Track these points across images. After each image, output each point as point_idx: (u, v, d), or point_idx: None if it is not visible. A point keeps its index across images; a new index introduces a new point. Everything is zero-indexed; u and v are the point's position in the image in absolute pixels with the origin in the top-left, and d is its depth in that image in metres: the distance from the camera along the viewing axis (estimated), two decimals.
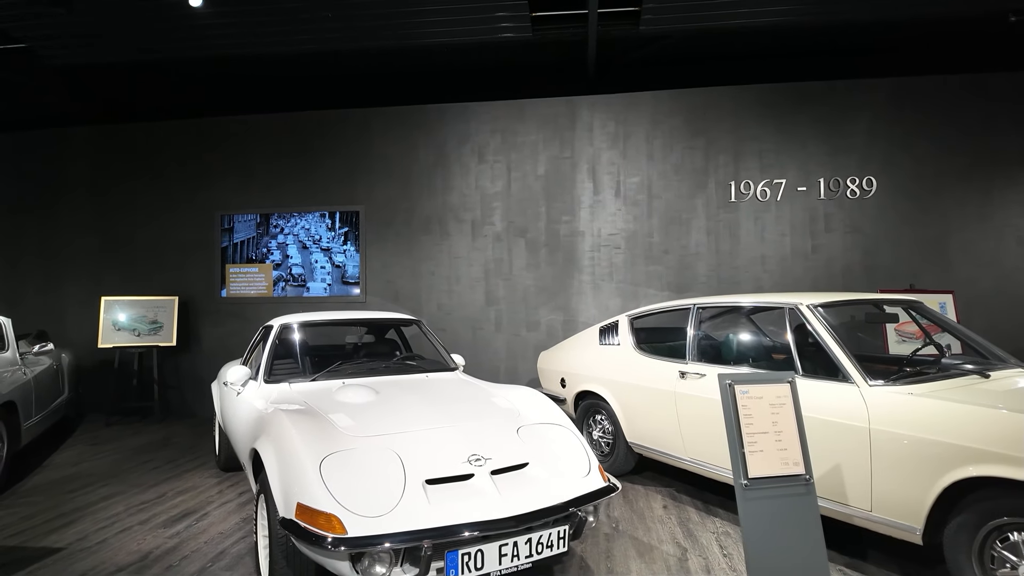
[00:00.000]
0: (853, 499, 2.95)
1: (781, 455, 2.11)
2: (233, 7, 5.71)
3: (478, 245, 6.91)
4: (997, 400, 2.64)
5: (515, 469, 2.68)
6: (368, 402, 3.19)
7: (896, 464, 2.76)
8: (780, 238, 6.37)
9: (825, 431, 3.04)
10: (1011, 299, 6.07)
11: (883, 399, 2.89)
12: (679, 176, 6.57)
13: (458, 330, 6.92)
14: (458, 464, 2.59)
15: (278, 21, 5.95)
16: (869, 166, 6.27)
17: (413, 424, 2.90)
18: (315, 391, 3.45)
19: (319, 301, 7.17)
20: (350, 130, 7.15)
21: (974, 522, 2.52)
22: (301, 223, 7.37)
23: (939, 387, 2.91)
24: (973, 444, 2.50)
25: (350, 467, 2.47)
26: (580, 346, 5.15)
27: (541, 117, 6.83)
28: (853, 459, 2.93)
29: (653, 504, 4.11)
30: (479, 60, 7.19)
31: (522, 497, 2.49)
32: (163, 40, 6.39)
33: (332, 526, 2.22)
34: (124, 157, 7.58)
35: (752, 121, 6.45)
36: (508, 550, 2.36)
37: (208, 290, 7.43)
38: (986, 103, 6.17)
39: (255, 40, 6.33)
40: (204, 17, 5.96)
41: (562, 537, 2.50)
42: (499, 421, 3.03)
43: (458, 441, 2.74)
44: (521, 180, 6.86)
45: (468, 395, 3.44)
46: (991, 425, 2.50)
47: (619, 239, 6.67)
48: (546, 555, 2.46)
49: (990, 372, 3.13)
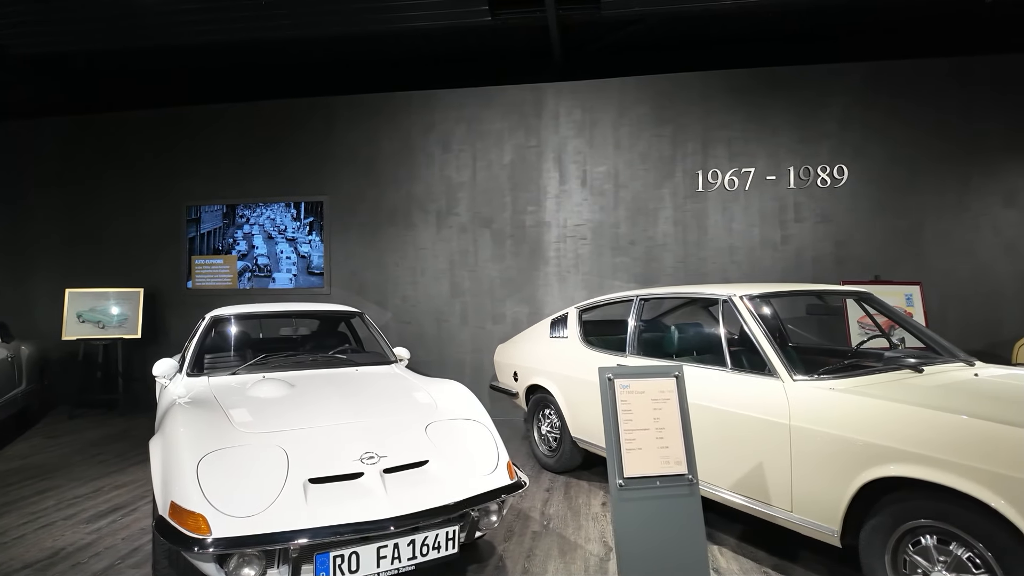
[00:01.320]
0: (775, 499, 2.82)
1: (662, 453, 1.98)
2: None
3: (443, 236, 6.78)
4: (918, 397, 2.50)
5: (412, 467, 2.57)
6: (277, 397, 3.09)
7: (814, 462, 2.63)
8: (749, 228, 6.20)
9: (749, 427, 2.92)
10: (988, 291, 5.88)
11: (804, 394, 2.75)
12: (646, 165, 6.41)
13: (423, 323, 6.81)
14: (348, 462, 2.49)
15: (241, 7, 5.84)
16: (841, 154, 6.08)
17: (315, 420, 2.80)
18: (230, 385, 3.35)
19: (283, 293, 7.09)
20: (315, 119, 7.03)
21: (888, 525, 2.39)
22: (267, 213, 7.27)
23: (864, 382, 2.77)
24: (886, 442, 2.37)
25: (230, 465, 2.38)
26: (532, 339, 5.03)
27: (507, 105, 6.68)
28: (775, 457, 2.80)
29: (593, 501, 3.99)
30: (446, 47, 7.05)
31: (409, 497, 2.39)
32: (129, 30, 6.30)
33: (198, 526, 2.13)
34: (92, 148, 7.51)
35: (721, 108, 6.27)
36: (387, 552, 2.26)
37: (174, 282, 7.37)
38: (964, 88, 5.96)
39: (218, 28, 6.22)
40: (168, 6, 5.86)
41: (451, 538, 2.39)
42: (409, 417, 2.92)
43: (356, 438, 2.64)
44: (487, 169, 6.72)
45: (389, 390, 3.33)
46: (905, 423, 2.36)
47: (585, 230, 6.52)
48: (432, 557, 2.35)
49: (924, 367, 2.98)
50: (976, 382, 2.77)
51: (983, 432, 2.15)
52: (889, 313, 3.80)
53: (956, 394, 2.54)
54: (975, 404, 2.38)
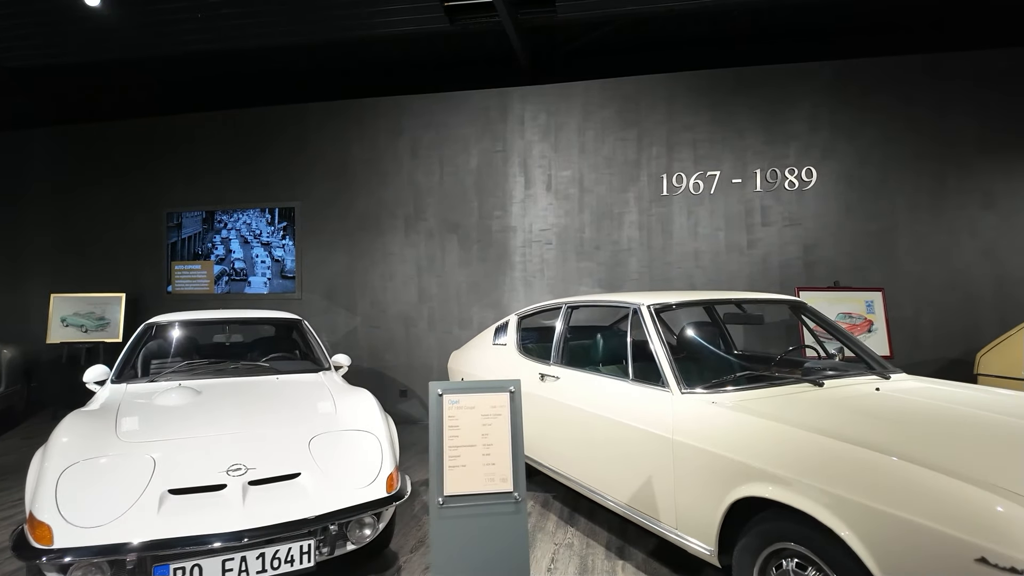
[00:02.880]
0: (662, 514, 2.75)
1: (487, 471, 1.94)
2: (162, 6, 5.74)
3: (411, 241, 6.80)
4: (790, 413, 2.40)
5: (281, 480, 2.57)
6: (176, 405, 3.13)
7: (691, 479, 2.56)
8: (714, 232, 6.06)
9: (639, 440, 2.85)
10: (964, 296, 5.64)
11: (687, 408, 2.68)
12: (611, 169, 6.32)
13: (392, 327, 6.83)
14: (213, 474, 2.50)
15: (210, 17, 5.95)
16: (809, 156, 5.91)
17: (198, 430, 2.82)
18: (141, 392, 3.41)
19: (256, 298, 7.19)
20: (288, 126, 7.12)
21: (756, 546, 2.30)
22: (243, 218, 7.39)
23: (749, 396, 2.68)
24: (750, 460, 2.29)
25: (92, 475, 2.41)
26: (479, 346, 5.00)
27: (473, 110, 6.66)
28: (661, 471, 2.73)
29: None
30: (416, 53, 7.07)
31: (268, 509, 2.39)
32: (112, 43, 6.49)
33: (44, 536, 2.16)
34: (79, 157, 7.73)
35: (686, 110, 6.15)
36: (234, 565, 2.26)
37: (155, 287, 7.53)
38: (938, 86, 5.73)
39: (195, 39, 6.36)
40: (149, 18, 6.01)
41: (306, 552, 2.38)
42: (298, 428, 2.92)
43: (230, 449, 2.66)
44: (454, 175, 6.71)
45: (294, 400, 3.34)
46: (768, 441, 2.28)
47: (550, 234, 6.47)
48: (285, 571, 2.34)
49: (827, 381, 2.87)
50: (869, 398, 2.65)
51: (831, 452, 2.06)
52: (820, 322, 3.67)
53: (833, 411, 2.44)
54: (844, 422, 2.28)
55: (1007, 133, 5.61)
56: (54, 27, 6.25)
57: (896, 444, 2.01)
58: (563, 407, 3.53)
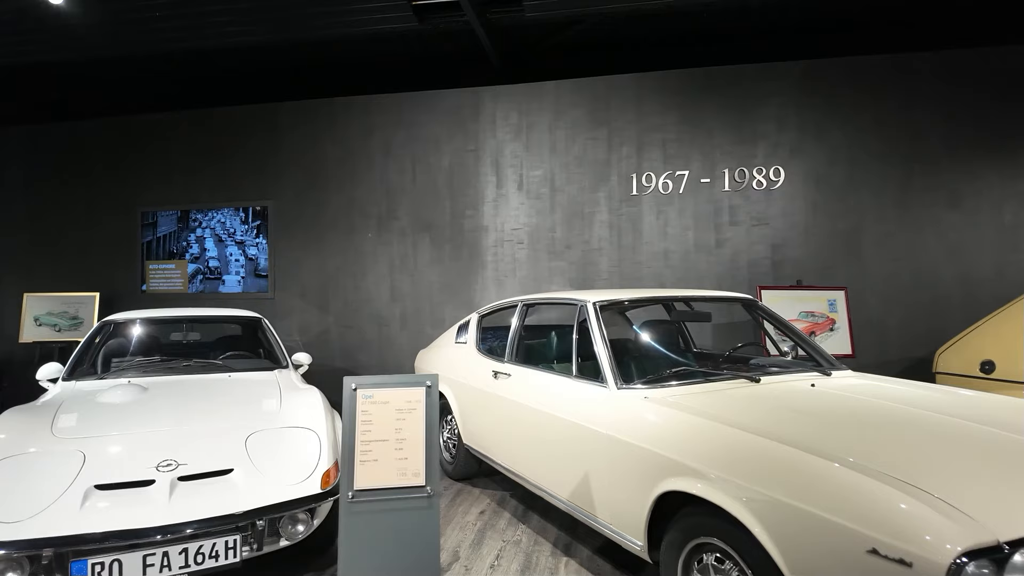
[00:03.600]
0: (599, 510, 2.75)
1: (399, 465, 1.94)
2: (134, 4, 5.73)
3: (384, 240, 6.79)
4: (724, 409, 2.41)
5: (212, 476, 2.56)
6: (119, 403, 3.12)
7: (623, 473, 2.56)
8: (683, 232, 6.08)
9: (580, 436, 2.86)
10: (930, 295, 5.66)
11: (623, 403, 2.68)
12: (581, 168, 6.33)
13: (364, 327, 6.83)
14: (143, 469, 2.50)
15: (180, 16, 5.94)
16: (777, 155, 5.93)
17: (135, 427, 2.82)
18: (87, 389, 3.40)
19: (229, 297, 7.17)
20: (260, 126, 7.11)
21: (679, 541, 2.31)
22: (217, 217, 7.38)
23: (682, 392, 2.69)
24: (672, 455, 2.30)
25: (19, 470, 2.40)
26: (443, 345, 5.00)
27: (446, 109, 6.67)
28: (598, 466, 2.73)
29: (472, 510, 3.94)
30: (388, 53, 7.07)
31: (194, 505, 2.38)
32: (82, 42, 6.46)
33: None
34: (51, 156, 7.69)
35: (655, 110, 6.16)
36: (155, 560, 2.25)
37: (130, 286, 7.51)
38: (905, 85, 5.76)
39: (164, 38, 6.34)
40: (118, 17, 5.99)
41: (231, 548, 2.37)
42: (235, 425, 2.91)
43: (164, 445, 2.65)
44: (426, 174, 6.72)
45: (240, 398, 3.33)
46: (689, 435, 2.29)
47: (522, 234, 6.47)
48: (209, 566, 2.33)
49: (765, 376, 2.87)
50: (800, 394, 2.66)
51: (745, 447, 2.07)
52: (771, 319, 3.68)
53: (759, 407, 2.45)
54: (766, 418, 2.29)
55: (973, 132, 5.64)
56: (25, 25, 6.23)
57: (808, 439, 2.02)
58: (513, 404, 3.53)
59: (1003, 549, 1.50)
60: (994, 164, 5.60)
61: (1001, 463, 1.89)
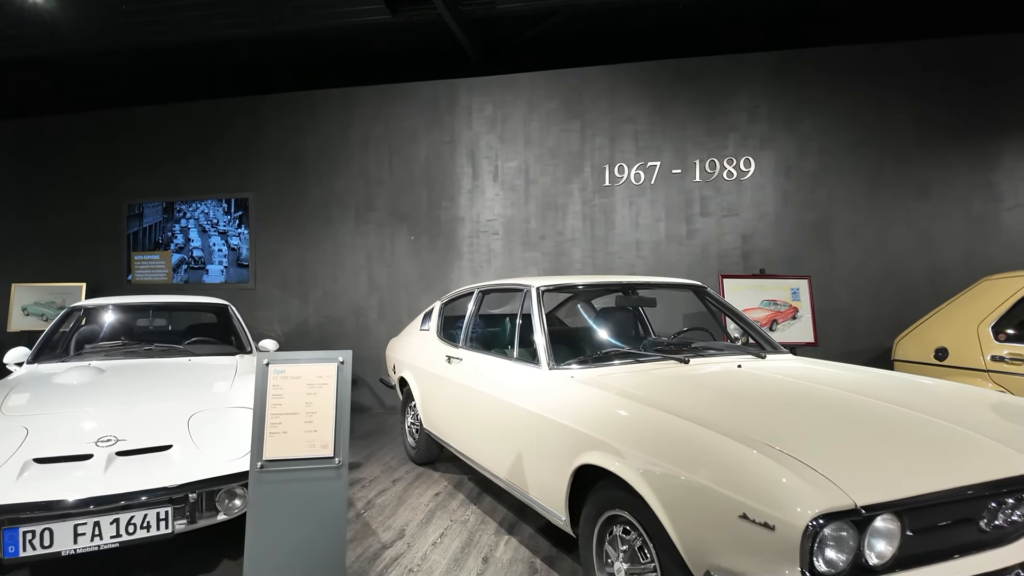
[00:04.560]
0: (531, 488, 2.82)
1: (308, 437, 2.01)
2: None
3: (361, 231, 6.88)
4: (640, 388, 2.46)
5: (151, 451, 2.65)
6: (72, 384, 3.22)
7: (549, 450, 2.63)
8: (655, 223, 6.12)
9: (514, 415, 2.92)
10: (898, 284, 5.69)
11: (552, 382, 2.75)
12: (555, 160, 6.38)
13: (343, 317, 6.92)
14: (82, 444, 2.59)
15: (162, 10, 6.03)
16: (747, 146, 5.96)
17: (82, 405, 2.92)
18: (47, 371, 3.50)
19: (211, 287, 7.27)
20: (242, 118, 7.19)
21: (593, 514, 2.38)
22: (201, 207, 7.48)
23: (611, 371, 2.75)
24: (587, 430, 2.36)
25: None
26: (410, 332, 5.07)
27: (423, 101, 6.73)
28: (528, 444, 2.80)
29: (428, 492, 4.03)
30: (368, 46, 7.13)
31: (129, 478, 2.47)
32: (68, 34, 6.56)
33: None
34: (39, 149, 7.81)
35: (627, 102, 6.20)
36: (87, 529, 2.34)
37: (117, 276, 7.62)
38: (876, 76, 5.77)
39: (149, 32, 6.43)
40: (100, 9, 6.08)
41: (163, 519, 2.45)
42: (180, 405, 3.00)
43: (105, 422, 2.74)
44: (403, 165, 6.79)
45: (192, 381, 3.41)
46: (603, 411, 2.35)
47: (497, 225, 6.53)
48: (140, 536, 2.42)
49: (692, 359, 2.93)
50: (721, 374, 2.72)
51: (648, 421, 2.14)
52: (719, 305, 3.74)
53: (676, 385, 2.52)
54: (678, 395, 2.35)
55: (943, 123, 5.66)
56: (10, 20, 6.32)
57: (707, 414, 2.08)
58: (463, 388, 3.60)
59: (860, 513, 1.56)
60: (964, 154, 5.61)
61: (885, 435, 1.94)
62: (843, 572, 1.58)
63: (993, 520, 1.77)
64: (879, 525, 1.62)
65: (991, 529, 1.77)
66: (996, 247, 5.51)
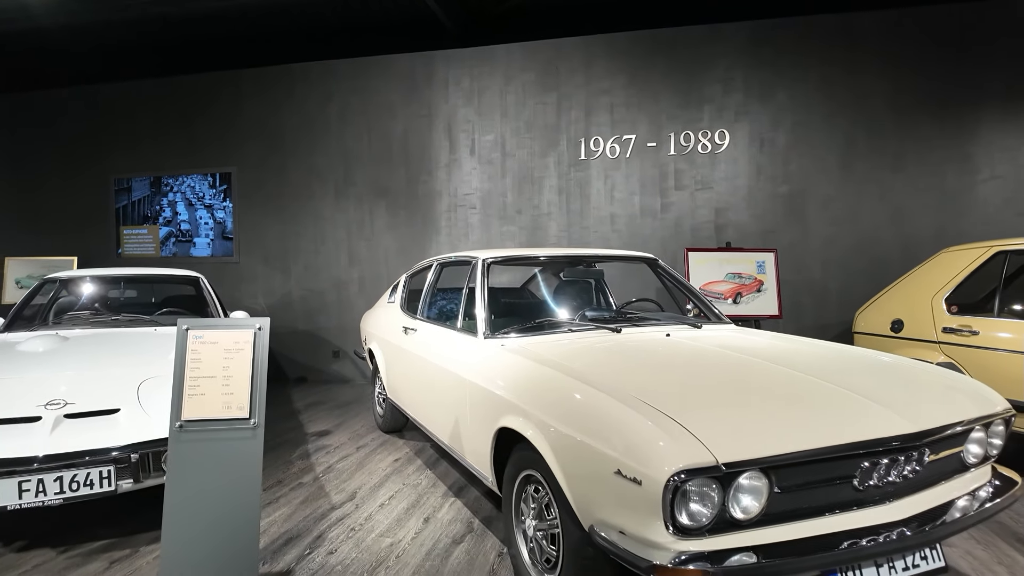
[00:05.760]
0: (467, 452, 2.93)
1: (225, 399, 2.11)
2: None
3: (341, 206, 6.94)
4: (560, 355, 2.54)
5: (98, 415, 2.77)
6: (34, 351, 3.35)
7: (477, 414, 2.73)
8: (629, 197, 6.14)
9: (453, 382, 3.02)
10: (871, 257, 5.69)
11: (484, 351, 2.84)
12: (531, 133, 6.39)
13: (325, 290, 7.03)
14: (31, 407, 2.71)
15: None
16: (722, 118, 5.93)
17: (37, 371, 3.05)
18: (14, 340, 3.63)
19: (197, 261, 7.39)
20: (223, 93, 7.23)
21: (512, 474, 2.48)
22: (188, 181, 7.58)
23: (539, 340, 2.83)
24: (506, 395, 2.45)
25: None
26: (380, 305, 5.17)
27: (400, 74, 6.73)
28: (464, 410, 2.90)
29: (388, 458, 4.16)
30: (346, 18, 7.10)
31: (74, 439, 2.60)
32: (51, 8, 6.59)
33: None
34: (29, 126, 7.91)
35: (603, 74, 6.17)
36: (31, 486, 2.47)
37: (107, 250, 7.77)
38: (850, 46, 5.70)
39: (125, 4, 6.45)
40: None
41: (106, 478, 2.58)
42: (132, 372, 3.11)
43: (55, 387, 2.86)
44: (381, 139, 6.82)
45: (150, 349, 3.52)
46: (524, 377, 2.44)
47: (474, 199, 6.58)
48: (84, 493, 2.55)
49: (624, 328, 3.00)
50: (646, 343, 2.78)
51: (551, 384, 2.22)
52: (670, 277, 3.79)
53: (594, 353, 2.60)
54: (591, 362, 2.43)
55: (918, 94, 5.59)
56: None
57: (607, 377, 2.15)
58: (415, 357, 3.70)
59: (721, 469, 1.63)
60: (939, 125, 5.56)
61: (767, 397, 2.01)
62: (707, 526, 1.66)
63: (868, 480, 1.84)
64: (744, 482, 1.69)
65: (865, 489, 1.84)
66: (969, 220, 5.48)
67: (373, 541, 2.87)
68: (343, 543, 2.84)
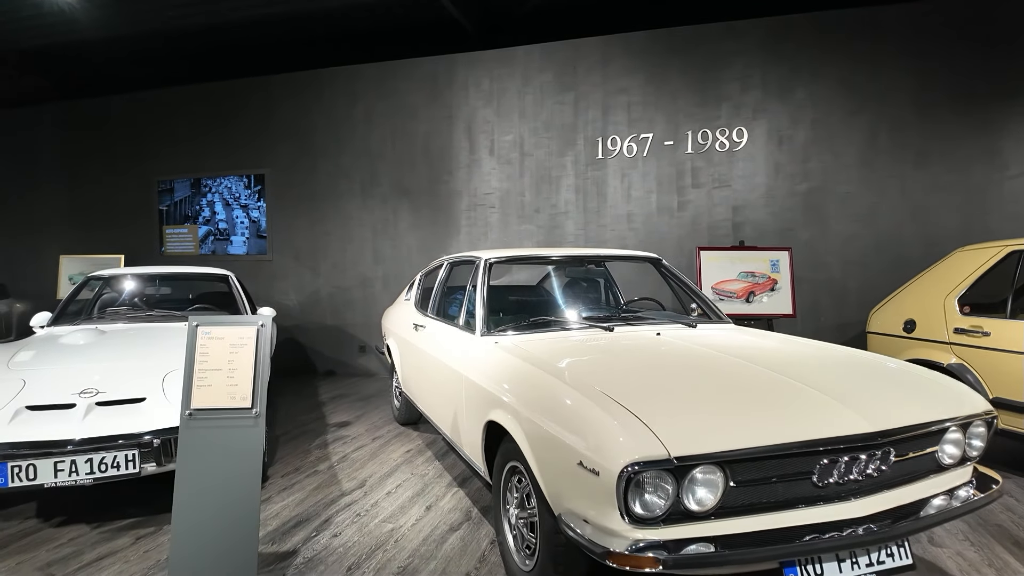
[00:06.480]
0: (464, 444, 3.07)
1: (230, 390, 2.30)
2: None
3: (367, 206, 7.18)
4: (549, 353, 2.64)
5: (126, 403, 3.02)
6: (75, 343, 3.65)
7: (472, 408, 2.87)
8: (646, 195, 6.17)
9: (452, 377, 3.16)
10: (892, 256, 5.59)
11: (480, 348, 2.97)
12: (549, 133, 6.48)
13: (351, 287, 7.28)
14: (68, 395, 2.98)
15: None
16: (740, 116, 5.90)
17: (75, 362, 3.33)
18: (59, 333, 3.96)
19: (233, 259, 7.75)
20: (255, 97, 7.54)
21: (501, 464, 2.61)
22: (225, 182, 7.95)
23: (533, 338, 2.94)
24: (493, 389, 2.58)
25: None
26: (398, 302, 5.37)
27: (423, 77, 6.91)
28: (462, 404, 3.04)
29: (400, 449, 4.34)
30: (370, 23, 7.31)
31: (104, 424, 2.85)
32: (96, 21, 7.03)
33: None
34: (80, 131, 8.41)
35: (620, 73, 6.21)
36: (65, 466, 2.73)
37: (151, 248, 8.21)
38: (871, 41, 5.59)
39: (169, 15, 6.84)
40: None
41: (131, 460, 2.83)
42: (158, 364, 3.35)
43: (90, 377, 3.12)
44: (405, 141, 7.01)
45: (179, 342, 3.77)
46: (511, 373, 2.56)
47: (494, 198, 6.71)
48: (112, 474, 2.80)
49: (617, 327, 3.08)
50: (637, 340, 2.87)
51: (532, 381, 2.34)
52: (673, 276, 3.85)
53: (583, 351, 2.70)
54: (578, 360, 2.54)
55: (943, 90, 5.46)
56: (45, 9, 6.79)
57: (581, 374, 2.26)
58: (423, 353, 3.86)
59: (673, 463, 1.73)
60: (965, 120, 5.41)
61: (734, 396, 2.08)
62: (662, 516, 1.76)
63: (827, 477, 1.89)
64: (698, 475, 1.78)
65: (825, 485, 1.90)
66: (996, 218, 5.33)
67: (376, 526, 3.04)
68: (347, 527, 3.03)
